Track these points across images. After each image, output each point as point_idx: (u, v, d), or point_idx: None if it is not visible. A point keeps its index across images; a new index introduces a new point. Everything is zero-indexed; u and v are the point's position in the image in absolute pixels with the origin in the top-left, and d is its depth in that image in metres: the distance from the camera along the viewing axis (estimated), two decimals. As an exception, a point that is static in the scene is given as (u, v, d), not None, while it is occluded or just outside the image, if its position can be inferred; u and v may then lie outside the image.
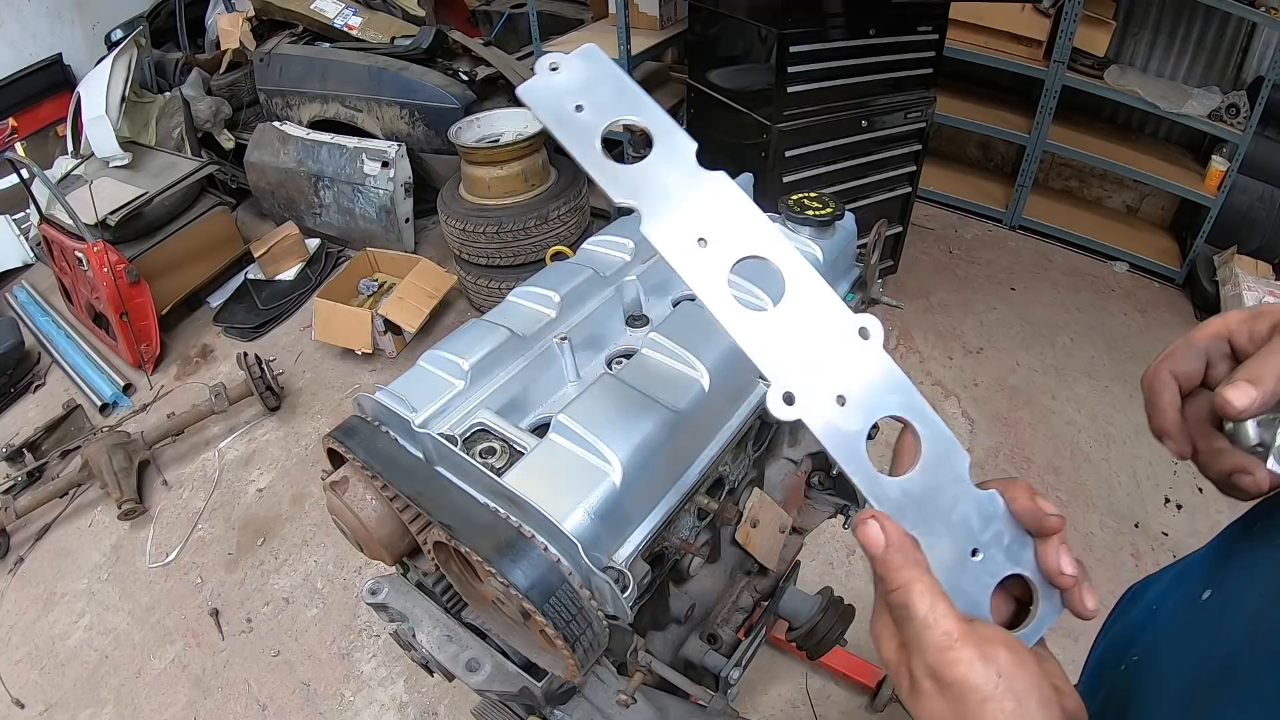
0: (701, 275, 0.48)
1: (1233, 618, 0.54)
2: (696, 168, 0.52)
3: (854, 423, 0.49)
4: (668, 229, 0.49)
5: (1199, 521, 2.41)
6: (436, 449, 0.78)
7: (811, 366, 0.47)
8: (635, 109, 0.52)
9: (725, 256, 0.49)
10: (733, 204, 0.51)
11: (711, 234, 0.49)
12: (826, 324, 0.48)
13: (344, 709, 2.06)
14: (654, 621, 1.05)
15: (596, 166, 0.50)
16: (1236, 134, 3.15)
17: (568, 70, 0.52)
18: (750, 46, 2.75)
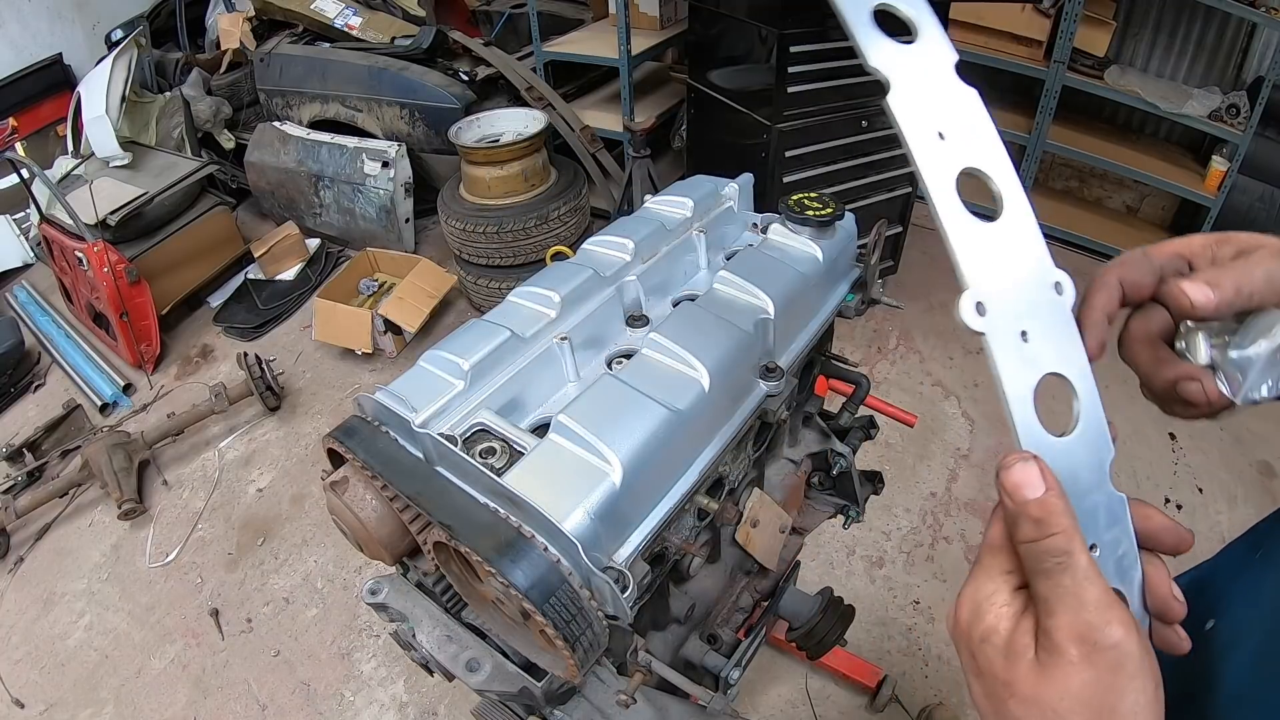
0: (933, 166, 0.49)
1: (1237, 652, 0.53)
2: (955, 76, 0.53)
3: (1031, 361, 0.47)
4: (915, 110, 0.50)
5: (1199, 521, 2.41)
6: (436, 449, 0.78)
7: (1007, 293, 0.47)
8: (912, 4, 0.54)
9: (958, 158, 0.49)
10: (981, 121, 0.52)
11: (951, 134, 0.50)
12: (1030, 263, 0.49)
13: (344, 709, 2.06)
14: (654, 621, 1.05)
15: (863, 29, 0.52)
16: (1237, 134, 3.15)
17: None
18: (750, 46, 2.75)
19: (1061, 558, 0.40)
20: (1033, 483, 0.42)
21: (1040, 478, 0.42)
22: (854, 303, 1.12)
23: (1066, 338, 0.48)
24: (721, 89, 3.02)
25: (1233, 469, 2.59)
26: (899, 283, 3.47)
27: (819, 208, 1.03)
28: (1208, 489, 2.53)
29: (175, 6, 4.56)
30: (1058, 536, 0.41)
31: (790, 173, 2.82)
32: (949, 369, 3.03)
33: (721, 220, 1.16)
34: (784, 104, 2.66)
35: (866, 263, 1.10)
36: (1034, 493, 0.42)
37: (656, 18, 3.77)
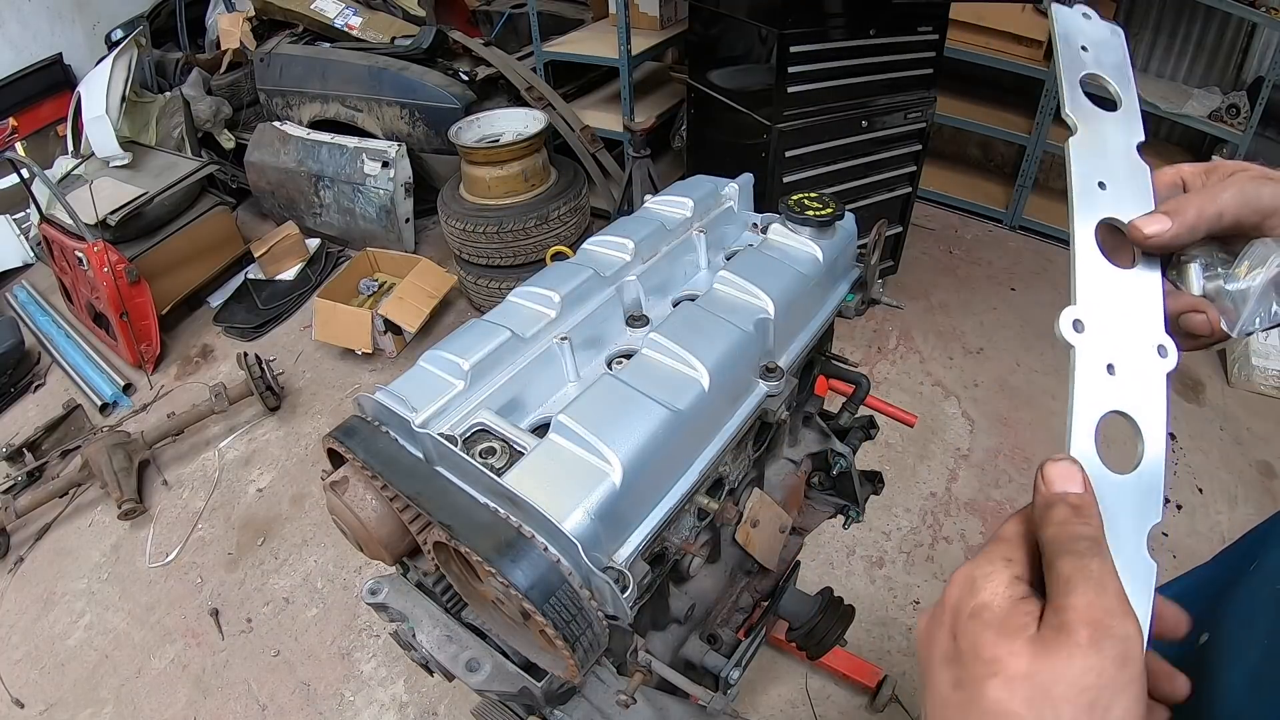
0: (1086, 203, 0.55)
1: (1233, 669, 0.53)
2: (1135, 150, 0.59)
3: (1109, 394, 0.49)
4: (1088, 156, 0.57)
5: (1199, 522, 2.41)
6: (436, 449, 0.78)
7: (1108, 326, 0.50)
8: (1121, 82, 0.62)
9: (1110, 206, 0.55)
10: (1144, 192, 0.56)
11: (1112, 187, 0.56)
12: (1144, 318, 0.51)
13: (344, 709, 2.06)
14: (654, 621, 1.05)
15: (1070, 84, 0.60)
16: (1237, 134, 3.16)
17: (1093, 25, 0.64)
18: (750, 46, 2.75)
19: (1091, 544, 0.39)
20: (1075, 480, 0.42)
21: (1082, 480, 0.42)
22: (854, 303, 1.13)
23: (1154, 392, 0.49)
24: (721, 89, 3.02)
25: (1233, 469, 2.59)
26: (899, 283, 3.47)
27: (819, 208, 1.03)
28: (1208, 489, 2.53)
29: (175, 6, 4.56)
30: (1091, 525, 0.40)
31: (790, 173, 2.82)
32: (949, 369, 3.03)
33: (721, 220, 1.16)
34: (784, 104, 2.66)
35: (866, 263, 1.10)
36: (1075, 487, 0.42)
37: (656, 18, 3.77)
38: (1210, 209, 0.51)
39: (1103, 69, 0.61)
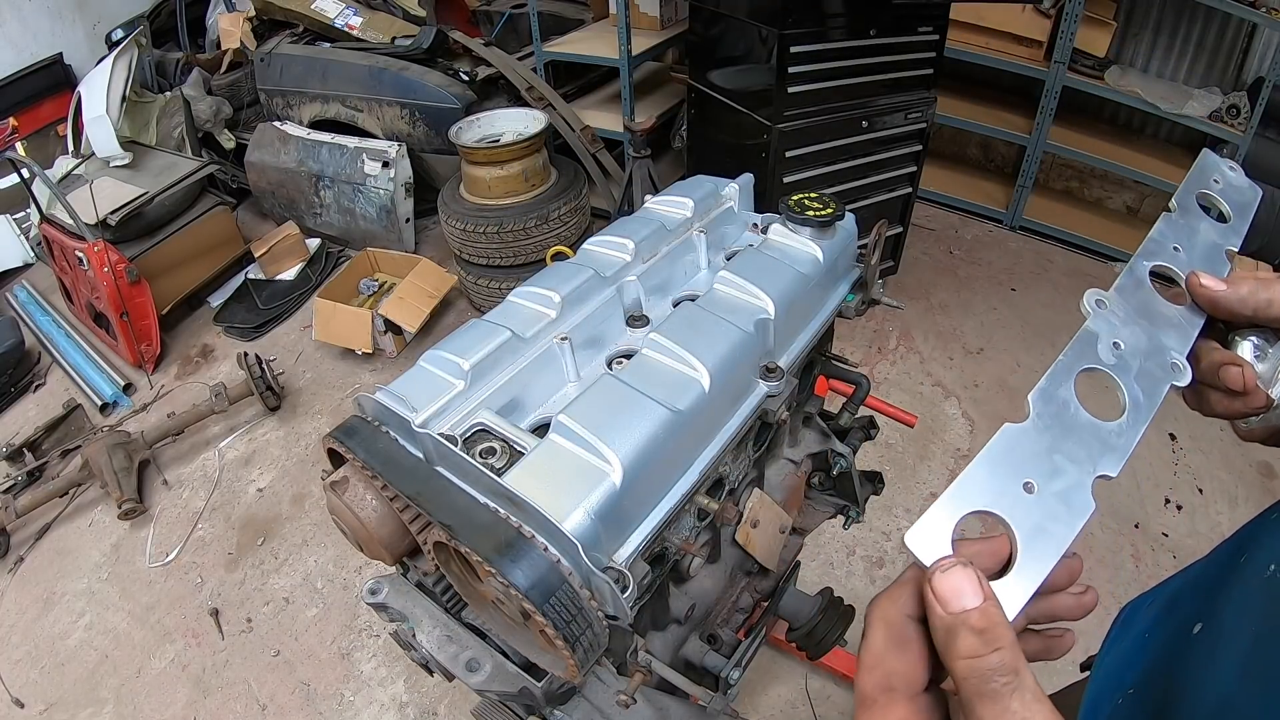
0: (1153, 253, 0.62)
1: (1225, 655, 0.53)
2: (1223, 248, 0.66)
3: (1102, 358, 0.54)
4: (1178, 233, 0.65)
5: (1199, 522, 2.41)
6: (436, 449, 0.78)
7: (1129, 317, 0.57)
8: (1236, 215, 0.69)
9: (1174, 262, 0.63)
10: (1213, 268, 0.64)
11: (1184, 252, 0.64)
12: (1170, 331, 0.57)
13: (344, 709, 2.06)
14: (654, 622, 1.05)
15: (1186, 190, 0.68)
16: (1237, 135, 3.15)
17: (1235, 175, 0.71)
18: (751, 47, 2.75)
19: (1009, 677, 0.37)
20: (971, 590, 0.39)
21: (978, 586, 0.39)
22: (854, 303, 1.12)
23: (1154, 377, 0.54)
24: (722, 89, 3.02)
25: (1233, 469, 2.59)
26: (899, 283, 3.47)
27: (819, 208, 1.03)
28: (1208, 489, 2.53)
29: (176, 6, 4.56)
30: (1004, 651, 0.37)
31: (790, 173, 2.82)
32: (949, 369, 3.03)
33: (722, 220, 1.16)
34: (784, 104, 2.66)
35: (867, 263, 1.10)
36: (973, 601, 0.39)
37: (657, 18, 3.77)
38: (1263, 294, 0.56)
39: (1225, 199, 0.68)
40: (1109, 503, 2.48)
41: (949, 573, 0.40)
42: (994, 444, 0.48)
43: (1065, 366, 0.52)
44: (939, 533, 0.43)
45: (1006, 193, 3.93)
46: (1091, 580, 2.25)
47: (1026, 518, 0.45)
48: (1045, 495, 0.46)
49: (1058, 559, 0.44)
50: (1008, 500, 0.45)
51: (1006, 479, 0.46)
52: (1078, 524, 0.45)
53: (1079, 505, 0.46)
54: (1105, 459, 0.49)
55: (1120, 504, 2.48)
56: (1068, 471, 0.47)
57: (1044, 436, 0.49)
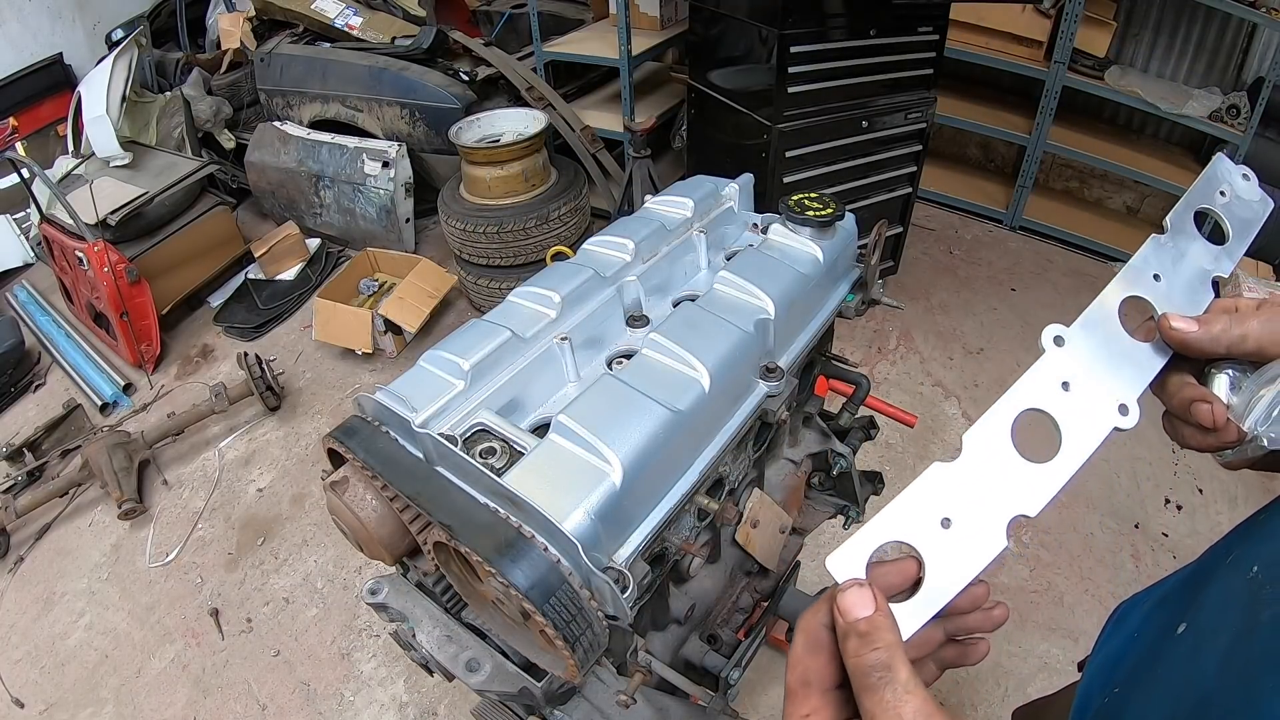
0: (1135, 274, 0.61)
1: (1205, 654, 0.55)
2: (1209, 281, 0.64)
3: (1052, 395, 0.55)
4: (1159, 249, 0.63)
5: (1199, 522, 2.41)
6: (436, 449, 0.78)
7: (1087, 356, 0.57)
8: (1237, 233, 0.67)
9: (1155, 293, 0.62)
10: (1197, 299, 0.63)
11: (1165, 279, 0.62)
12: (1124, 378, 0.57)
13: (344, 709, 2.06)
14: (654, 622, 1.05)
15: (1186, 204, 0.66)
16: (1237, 135, 3.15)
17: (1247, 185, 0.69)
18: (751, 47, 2.75)
19: (883, 672, 0.44)
20: (865, 603, 0.46)
21: (872, 600, 0.46)
22: (854, 303, 1.12)
23: (1090, 425, 0.55)
24: (722, 89, 3.02)
25: (1233, 469, 2.59)
26: (899, 283, 3.47)
27: (819, 208, 1.03)
28: (1208, 489, 2.53)
29: (176, 6, 4.56)
30: (880, 650, 0.44)
31: (790, 173, 2.82)
32: (949, 369, 3.03)
33: (722, 220, 1.16)
34: (784, 104, 2.66)
35: (866, 263, 1.10)
36: (864, 611, 0.46)
37: (657, 18, 3.77)
38: (1236, 330, 0.56)
39: (1228, 215, 0.66)
40: (1109, 502, 2.48)
41: (850, 590, 0.47)
42: (920, 481, 0.51)
43: (1006, 407, 0.54)
44: (856, 558, 0.49)
45: (1006, 193, 3.93)
46: (1091, 580, 2.26)
47: (938, 551, 0.50)
48: (960, 531, 0.50)
49: (959, 590, 0.49)
50: (923, 534, 0.50)
51: (927, 514, 0.50)
52: (984, 560, 0.49)
53: (990, 543, 0.50)
54: (1028, 500, 0.51)
55: (1120, 504, 2.48)
56: (987, 510, 0.51)
57: (971, 476, 0.52)
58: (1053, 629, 2.10)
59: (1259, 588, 0.53)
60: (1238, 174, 0.69)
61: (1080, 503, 2.49)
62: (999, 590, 2.22)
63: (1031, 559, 2.30)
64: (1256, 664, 0.48)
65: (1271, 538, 0.57)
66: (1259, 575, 0.53)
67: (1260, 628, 0.49)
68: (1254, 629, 0.50)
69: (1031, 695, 1.95)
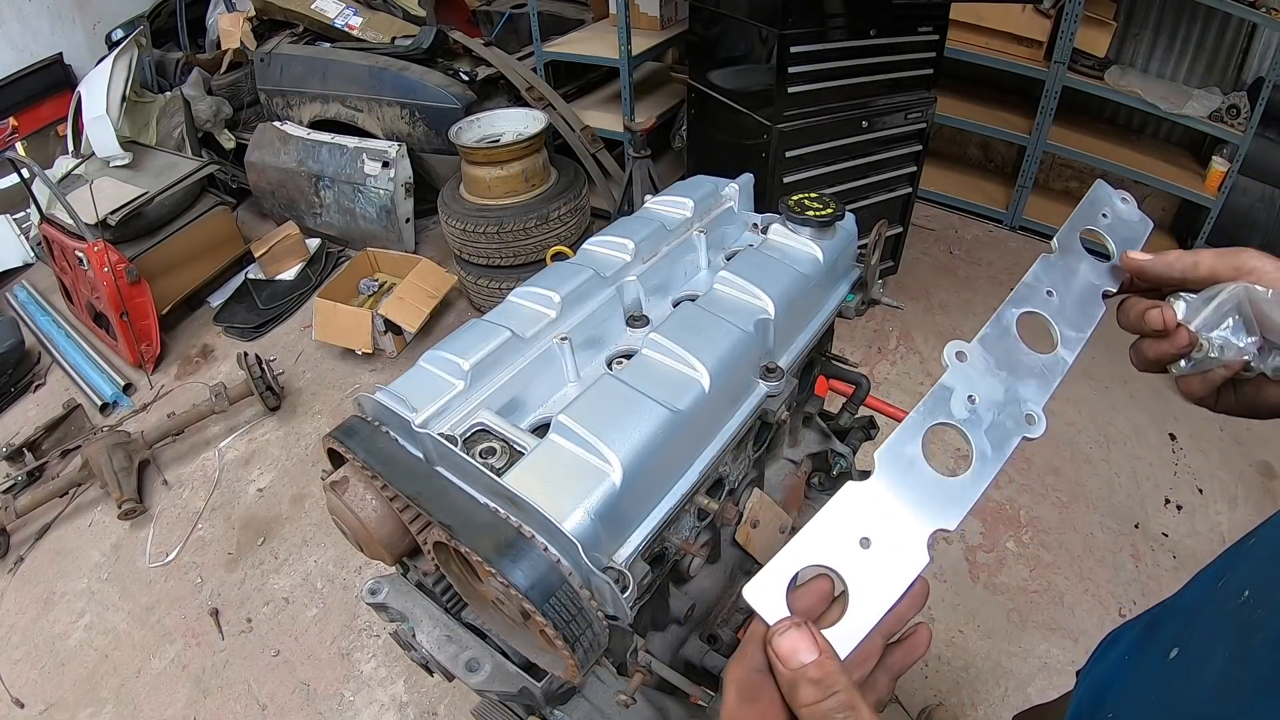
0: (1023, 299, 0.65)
1: (1198, 679, 0.54)
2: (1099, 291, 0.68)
3: (952, 412, 0.56)
4: (1055, 274, 0.68)
5: (1199, 522, 2.41)
6: (436, 449, 0.78)
7: (985, 370, 0.58)
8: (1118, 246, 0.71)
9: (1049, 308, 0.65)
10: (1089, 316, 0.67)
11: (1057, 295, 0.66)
12: (1030, 383, 0.60)
13: (344, 709, 2.06)
14: (654, 622, 1.05)
15: (1071, 226, 0.72)
16: (1237, 135, 3.15)
17: (1126, 208, 0.74)
18: (751, 47, 2.75)
19: (847, 713, 0.42)
20: (807, 647, 0.43)
21: (813, 642, 0.43)
22: (854, 303, 1.12)
23: (1004, 431, 0.56)
24: (722, 89, 3.02)
25: (1233, 469, 2.59)
26: (899, 283, 3.47)
27: (819, 208, 1.03)
28: (1208, 489, 2.53)
29: (176, 6, 4.57)
30: (839, 694, 0.42)
31: (790, 173, 2.82)
32: (949, 369, 3.03)
33: (722, 220, 1.16)
34: (784, 104, 2.66)
35: (867, 263, 1.10)
36: (809, 656, 0.43)
37: (657, 18, 3.77)
38: (1188, 258, 0.61)
39: (1112, 235, 0.71)
40: (1109, 502, 2.48)
41: (786, 634, 0.44)
42: (834, 502, 0.51)
43: (915, 423, 0.54)
44: (775, 587, 0.47)
45: (1006, 193, 3.93)
46: (1091, 580, 2.26)
47: (860, 572, 0.48)
48: (881, 549, 0.49)
49: (887, 609, 0.47)
50: (843, 556, 0.49)
51: (844, 535, 0.49)
52: (908, 577, 0.48)
53: (913, 558, 0.49)
54: (946, 513, 0.51)
55: (1120, 504, 2.48)
56: (906, 526, 0.50)
57: (887, 494, 0.51)
58: (1053, 629, 2.10)
59: (1250, 611, 0.52)
60: (1116, 198, 0.74)
61: (1080, 503, 2.49)
62: (999, 590, 2.22)
63: (1031, 559, 2.30)
64: (1250, 688, 0.47)
65: (1262, 562, 0.57)
66: (1249, 599, 0.53)
67: (1253, 651, 0.49)
68: (1247, 652, 0.50)
69: (1031, 695, 1.95)
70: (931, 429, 0.55)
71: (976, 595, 2.20)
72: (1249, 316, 0.58)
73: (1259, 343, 0.58)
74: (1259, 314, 0.57)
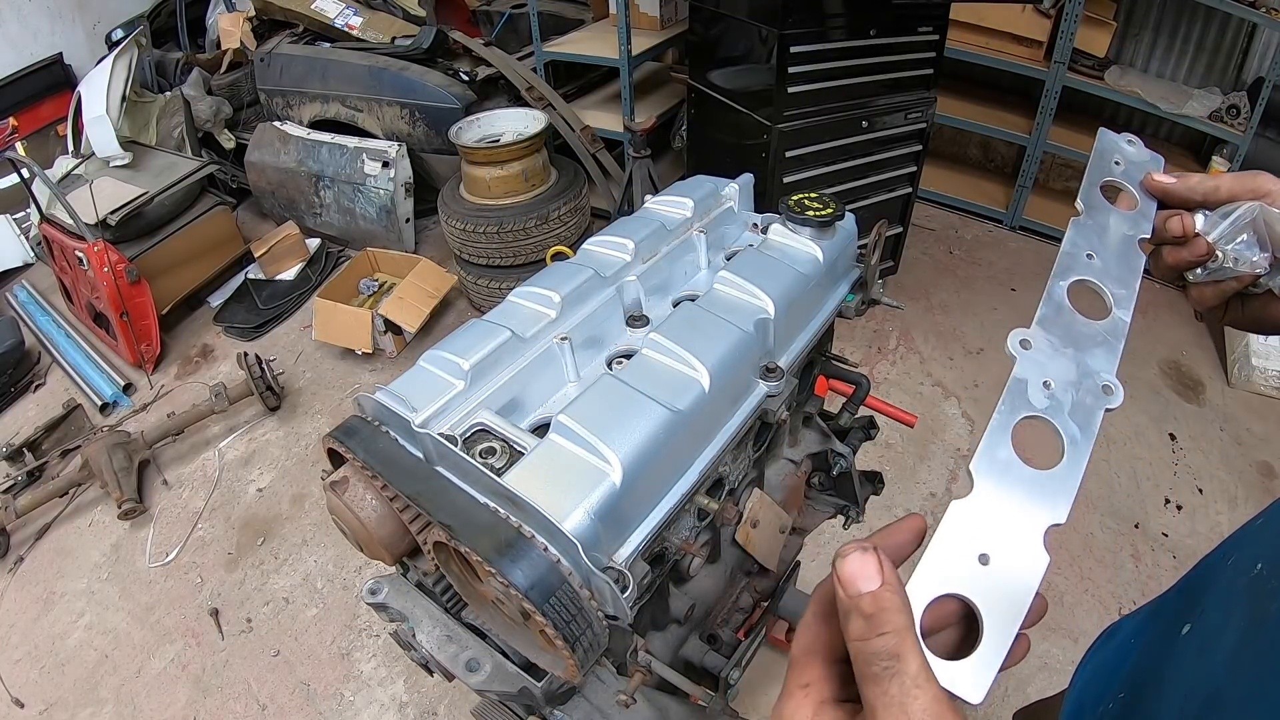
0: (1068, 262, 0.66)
1: (1213, 651, 0.54)
2: (1134, 240, 0.68)
3: (1037, 401, 0.55)
4: (1089, 235, 0.68)
5: (1199, 522, 2.41)
6: (436, 449, 0.78)
7: (1054, 351, 0.59)
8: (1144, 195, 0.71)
9: (1089, 270, 0.66)
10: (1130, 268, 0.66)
11: (1097, 257, 0.67)
12: (1100, 357, 0.60)
13: (344, 709, 2.06)
14: (654, 622, 1.05)
15: (1090, 183, 0.72)
16: (1237, 135, 3.16)
17: (1135, 149, 0.74)
18: (751, 47, 2.75)
19: (890, 661, 0.38)
20: (869, 575, 0.40)
21: (878, 570, 0.40)
22: (854, 303, 1.12)
23: (1086, 408, 0.55)
24: (722, 89, 3.02)
25: (1233, 469, 2.59)
26: (899, 283, 3.47)
27: (819, 208, 1.03)
28: (1208, 489, 2.53)
29: (175, 6, 4.56)
30: (888, 636, 0.38)
31: (790, 173, 2.82)
32: (949, 369, 3.03)
33: (722, 220, 1.16)
34: (784, 104, 2.66)
35: (867, 263, 1.10)
36: (869, 585, 0.40)
37: (657, 18, 3.77)
38: (1210, 182, 0.65)
39: (1129, 180, 0.71)
40: (1109, 502, 2.48)
41: (849, 557, 0.41)
42: (944, 525, 0.49)
43: (1000, 425, 0.53)
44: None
45: (1006, 193, 3.93)
46: (1091, 580, 2.26)
47: (988, 590, 0.46)
48: (1001, 561, 0.47)
49: (1021, 619, 0.45)
50: (967, 578, 0.46)
51: (963, 556, 0.47)
52: (1034, 583, 0.46)
53: (1034, 563, 0.47)
54: (1053, 507, 0.49)
55: (1120, 504, 2.48)
56: (1019, 531, 0.48)
57: (990, 503, 0.50)
58: (1053, 629, 2.10)
59: (1264, 582, 0.53)
60: (1123, 141, 0.75)
61: (1080, 503, 2.47)
62: (999, 590, 2.22)
63: (1031, 559, 2.30)
64: (1267, 654, 0.47)
65: (1273, 536, 0.58)
66: (1263, 571, 0.53)
67: (1269, 618, 0.49)
68: (1263, 620, 0.50)
69: (1031, 695, 1.95)
70: (1018, 425, 0.54)
71: (976, 595, 2.20)
72: (1263, 234, 0.62)
73: (1270, 258, 0.62)
74: (1271, 232, 0.61)
